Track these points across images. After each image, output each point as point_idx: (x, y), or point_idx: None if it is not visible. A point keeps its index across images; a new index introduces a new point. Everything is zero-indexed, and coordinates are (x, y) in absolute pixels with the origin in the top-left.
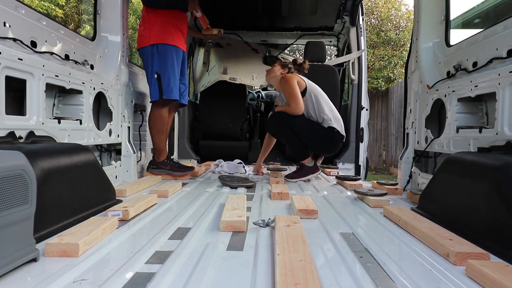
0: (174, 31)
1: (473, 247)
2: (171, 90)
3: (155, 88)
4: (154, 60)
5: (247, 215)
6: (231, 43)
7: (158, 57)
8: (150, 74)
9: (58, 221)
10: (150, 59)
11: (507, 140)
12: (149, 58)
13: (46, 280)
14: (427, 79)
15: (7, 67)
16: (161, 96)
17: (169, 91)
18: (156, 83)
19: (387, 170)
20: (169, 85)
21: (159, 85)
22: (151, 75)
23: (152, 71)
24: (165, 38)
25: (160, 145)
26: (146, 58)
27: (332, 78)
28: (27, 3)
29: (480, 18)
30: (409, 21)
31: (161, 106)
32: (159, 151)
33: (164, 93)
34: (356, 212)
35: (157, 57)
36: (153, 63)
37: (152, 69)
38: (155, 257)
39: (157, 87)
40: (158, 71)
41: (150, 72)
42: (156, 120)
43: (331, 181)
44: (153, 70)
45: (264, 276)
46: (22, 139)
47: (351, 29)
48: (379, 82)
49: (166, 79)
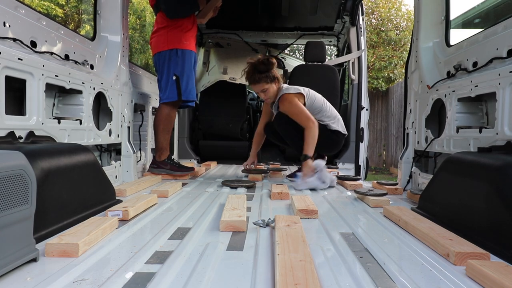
0: (189, 36)
1: (473, 247)
2: (190, 92)
3: (173, 90)
4: (172, 63)
5: (247, 215)
6: (231, 43)
7: (177, 60)
8: (166, 76)
9: (58, 221)
10: (167, 62)
11: (507, 140)
12: (166, 61)
13: (46, 280)
14: (427, 79)
15: (7, 67)
16: (180, 97)
17: (187, 92)
18: (175, 85)
19: (387, 170)
20: (187, 87)
21: (177, 86)
22: (167, 77)
23: (169, 73)
24: (184, 44)
25: (163, 144)
26: (162, 61)
27: (332, 78)
28: (27, 3)
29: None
30: (409, 21)
31: (172, 107)
32: (161, 150)
33: (183, 94)
34: (356, 212)
35: (175, 60)
36: (170, 65)
37: (169, 71)
38: (155, 257)
39: (175, 88)
40: (176, 73)
41: (166, 74)
42: (164, 119)
43: None
44: (171, 73)
45: (264, 276)
46: (22, 139)
47: (351, 29)
48: (379, 82)
49: (184, 81)
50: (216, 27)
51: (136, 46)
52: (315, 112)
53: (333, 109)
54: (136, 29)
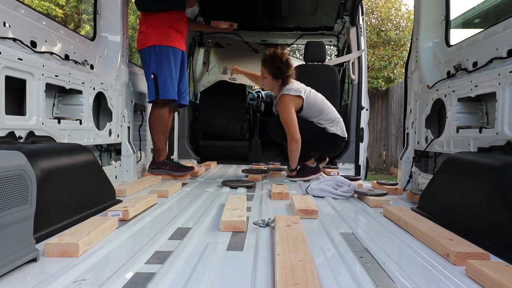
0: (172, 32)
1: (473, 247)
2: (168, 90)
3: (152, 88)
4: (151, 61)
5: (247, 215)
6: (231, 43)
7: (155, 57)
8: (147, 74)
9: (58, 221)
10: (148, 60)
11: (507, 140)
12: (147, 59)
13: (46, 280)
14: (427, 79)
15: (7, 67)
16: (158, 96)
17: (165, 91)
18: (153, 83)
19: (387, 170)
20: (165, 85)
21: (155, 85)
22: (148, 75)
23: (149, 71)
24: (162, 40)
25: (160, 145)
26: (144, 59)
27: (332, 78)
28: (27, 3)
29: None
30: (409, 21)
31: (161, 106)
32: (159, 151)
33: (161, 93)
34: (356, 212)
35: (154, 58)
36: (150, 64)
37: (149, 69)
38: (155, 257)
39: (154, 87)
40: (154, 71)
41: (147, 73)
42: (156, 120)
43: None
44: (150, 71)
45: (264, 276)
46: (22, 139)
47: (351, 29)
48: (379, 82)
49: (162, 79)
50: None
51: (136, 46)
52: (313, 116)
53: (333, 112)
54: (136, 29)
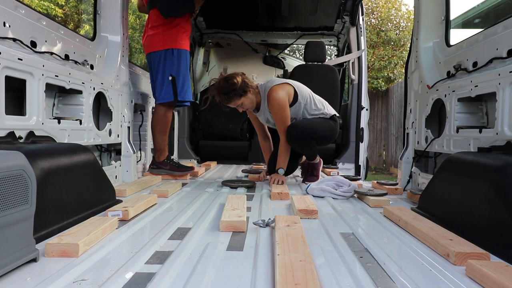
0: (185, 35)
1: (473, 247)
2: (186, 92)
3: (169, 90)
4: (167, 63)
5: (247, 215)
6: (231, 43)
7: (172, 60)
8: (161, 76)
9: (58, 221)
10: (163, 62)
11: (507, 140)
12: (161, 61)
13: (46, 280)
14: (427, 79)
15: (7, 67)
16: (176, 98)
17: (184, 92)
18: (170, 85)
19: (387, 170)
20: (183, 87)
21: (173, 87)
22: (162, 77)
23: (164, 73)
24: (180, 43)
25: (161, 145)
26: (157, 61)
27: (332, 78)
28: (27, 3)
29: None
30: (409, 21)
31: (168, 107)
32: (160, 151)
33: (180, 94)
34: (356, 212)
35: (170, 60)
36: (166, 65)
37: (164, 71)
38: (155, 257)
39: (171, 89)
40: (172, 73)
41: (161, 75)
42: (160, 120)
43: None
44: (166, 73)
45: (264, 276)
46: (22, 139)
47: (351, 29)
48: (379, 82)
49: (180, 81)
50: (216, 27)
51: (136, 46)
52: (307, 104)
53: (319, 98)
54: (136, 29)
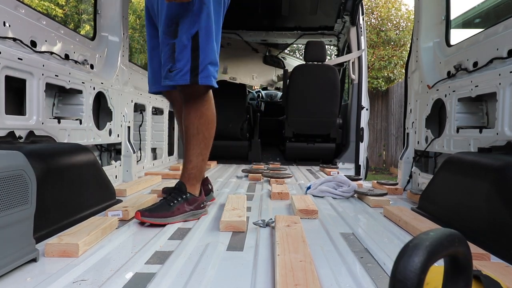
0: None
1: (473, 247)
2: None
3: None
4: None
5: (247, 215)
6: (231, 43)
7: None
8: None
9: (58, 221)
10: None
11: (507, 140)
12: None
13: (46, 280)
14: (428, 79)
15: (7, 67)
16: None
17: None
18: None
19: (387, 170)
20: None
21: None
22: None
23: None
24: None
25: (203, 164)
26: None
27: (332, 77)
28: (27, 3)
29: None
30: (409, 21)
31: (205, 93)
32: (199, 174)
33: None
34: (356, 212)
35: None
36: None
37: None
38: (155, 257)
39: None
40: None
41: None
42: (210, 115)
43: None
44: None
45: (264, 277)
46: (22, 139)
47: (351, 28)
48: (379, 82)
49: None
50: None
51: (136, 46)
52: None
53: None
54: (136, 29)
